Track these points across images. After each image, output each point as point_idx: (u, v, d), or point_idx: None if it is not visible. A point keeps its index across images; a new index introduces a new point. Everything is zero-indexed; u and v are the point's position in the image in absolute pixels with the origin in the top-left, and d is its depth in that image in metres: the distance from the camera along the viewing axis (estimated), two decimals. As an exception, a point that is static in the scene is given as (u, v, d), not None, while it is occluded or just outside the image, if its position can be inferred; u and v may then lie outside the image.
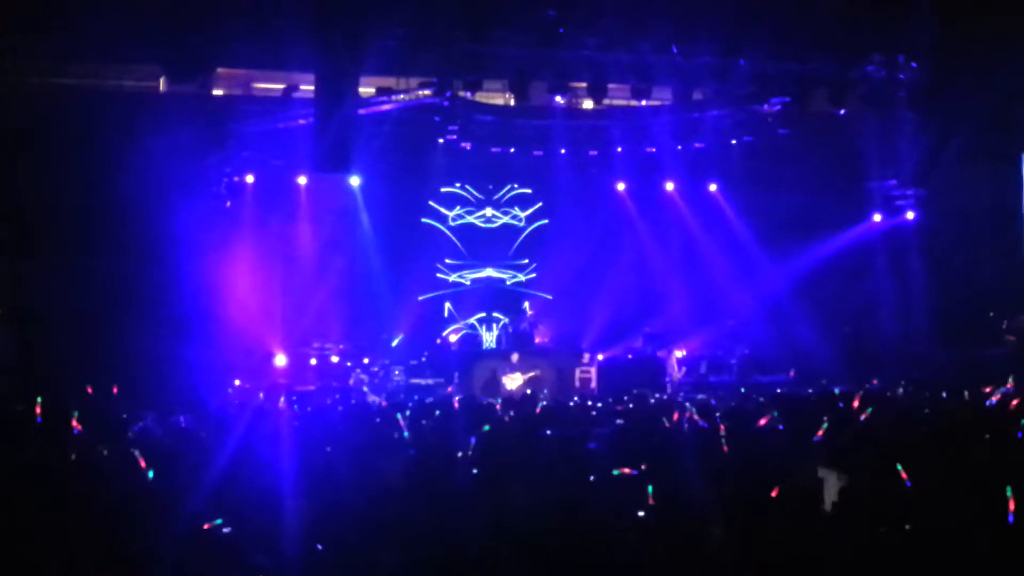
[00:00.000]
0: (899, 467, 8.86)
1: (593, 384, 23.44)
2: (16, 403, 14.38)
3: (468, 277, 26.93)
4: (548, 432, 11.72)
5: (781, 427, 11.96)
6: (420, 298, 26.17)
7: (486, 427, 12.53)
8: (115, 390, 15.57)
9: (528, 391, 21.57)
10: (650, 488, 8.39)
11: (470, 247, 27.01)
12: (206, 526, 7.17)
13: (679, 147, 25.39)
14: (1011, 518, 6.78)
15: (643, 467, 9.03)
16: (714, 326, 25.31)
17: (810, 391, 20.39)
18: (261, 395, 20.05)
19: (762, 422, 11.65)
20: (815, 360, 23.03)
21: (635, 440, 10.75)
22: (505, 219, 27.23)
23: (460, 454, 10.47)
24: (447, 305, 26.69)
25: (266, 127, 22.32)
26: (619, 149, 25.60)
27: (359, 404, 19.30)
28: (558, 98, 23.20)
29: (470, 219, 27.02)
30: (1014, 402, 13.17)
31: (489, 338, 26.63)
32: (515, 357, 23.34)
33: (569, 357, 24.20)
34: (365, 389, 22.21)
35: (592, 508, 8.38)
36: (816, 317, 24.07)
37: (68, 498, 8.26)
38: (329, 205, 24.45)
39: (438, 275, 26.63)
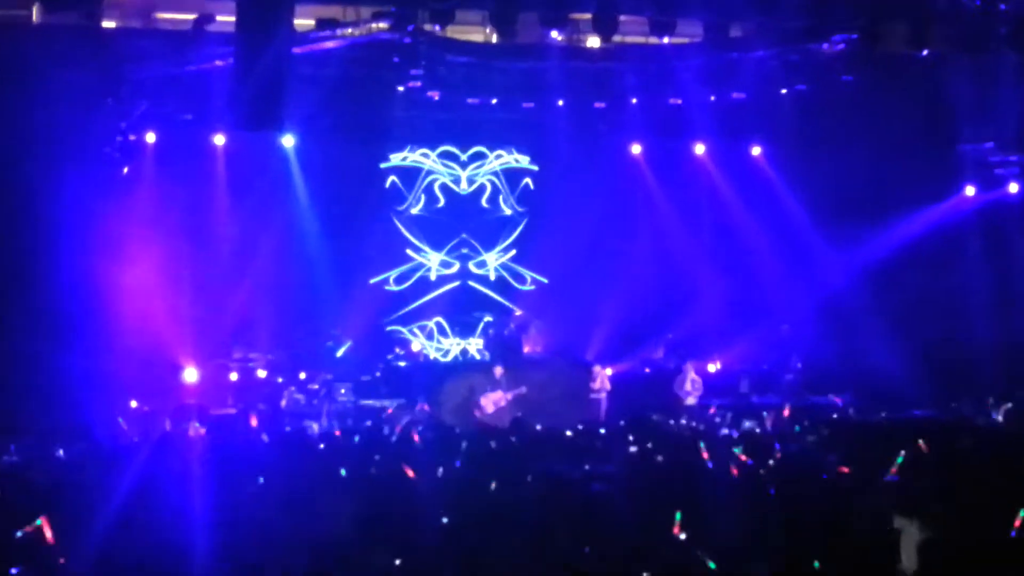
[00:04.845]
0: (999, 516, 8.87)
1: (603, 407, 23.46)
2: None
3: (436, 267, 26.89)
4: (540, 470, 11.72)
5: (843, 464, 11.99)
6: (372, 281, 26.27)
7: (457, 462, 12.54)
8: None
9: (514, 415, 21.56)
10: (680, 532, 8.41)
11: (439, 229, 26.96)
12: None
13: (712, 98, 25.30)
14: None
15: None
16: (758, 332, 25.28)
17: (883, 416, 20.47)
18: (166, 421, 20.01)
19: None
20: (888, 377, 23.05)
21: (658, 481, 10.75)
22: (485, 193, 27.19)
23: (424, 498, 10.46)
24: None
25: (171, 70, 22.17)
26: (634, 101, 25.49)
27: (294, 433, 19.29)
28: (554, 34, 23.10)
29: (439, 192, 26.97)
30: None
31: (461, 347, 26.66)
32: (497, 371, 23.30)
33: (569, 371, 24.18)
34: (317, 423, 22.17)
35: (598, 572, 8.38)
36: (890, 320, 24.08)
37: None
38: (255, 173, 24.32)
39: (389, 272, 26.68)
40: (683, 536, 9.01)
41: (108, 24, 22.31)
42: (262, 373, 23.66)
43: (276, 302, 24.36)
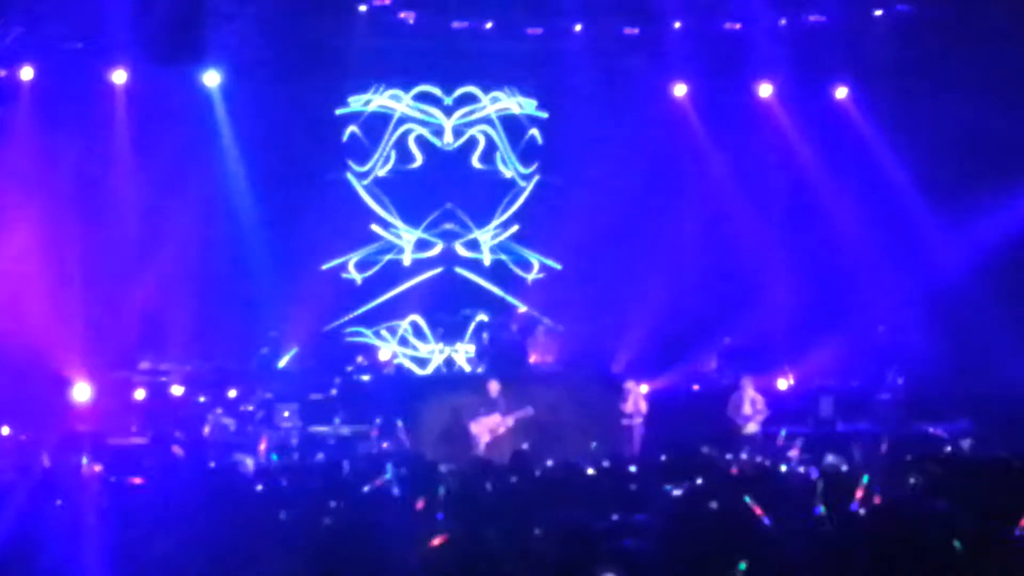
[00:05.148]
0: None
1: (637, 436, 23.44)
2: None
3: (411, 248, 26.88)
4: (551, 520, 11.73)
5: (960, 515, 11.98)
6: (325, 267, 26.27)
7: (440, 512, 12.54)
8: None
9: (516, 447, 21.57)
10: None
11: (415, 197, 26.97)
12: None
13: (782, 22, 25.35)
14: None
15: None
16: (844, 336, 25.29)
17: (1014, 451, 20.43)
18: (49, 454, 20.00)
19: None
20: (1020, 398, 23.04)
21: (710, 536, 10.75)
22: (477, 149, 27.17)
23: (397, 559, 10.46)
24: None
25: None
26: (677, 25, 25.56)
27: (221, 470, 19.30)
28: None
29: (415, 148, 26.95)
30: None
31: (445, 355, 26.65)
32: (494, 387, 23.26)
33: (590, 388, 24.17)
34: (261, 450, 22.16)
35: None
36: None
37: None
38: (168, 122, 24.28)
39: (349, 253, 26.69)
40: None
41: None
42: (178, 390, 23.60)
43: (196, 296, 24.36)
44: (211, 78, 24.68)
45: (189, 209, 24.14)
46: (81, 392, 22.84)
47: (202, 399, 23.50)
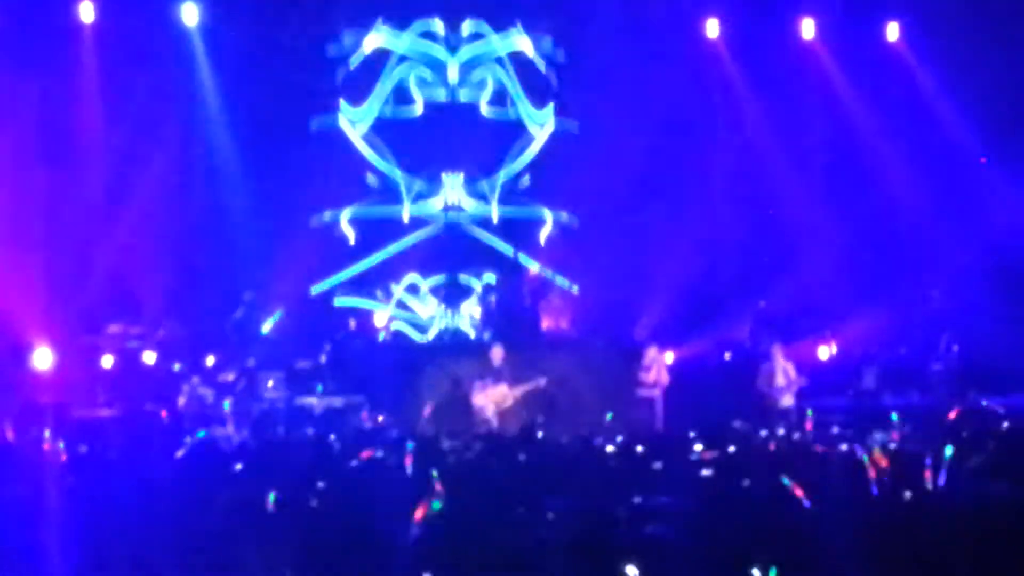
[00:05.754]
0: None
1: (658, 409, 23.40)
2: None
3: (410, 201, 26.82)
4: (564, 504, 11.70)
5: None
6: (314, 222, 26.18)
7: (436, 503, 12.50)
8: None
9: (525, 420, 21.52)
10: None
11: (415, 145, 26.90)
12: None
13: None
14: None
15: None
16: (892, 300, 25.26)
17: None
18: (7, 428, 20.00)
19: None
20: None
21: (742, 521, 10.72)
22: (485, 91, 27.11)
23: (393, 546, 10.43)
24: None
25: None
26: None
27: (201, 444, 19.28)
28: None
29: (416, 91, 26.88)
30: None
31: (447, 319, 26.61)
32: (497, 355, 23.18)
33: (608, 357, 24.18)
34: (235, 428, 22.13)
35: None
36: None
37: None
38: (140, 63, 24.23)
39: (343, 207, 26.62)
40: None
41: None
42: (150, 357, 23.55)
43: (172, 253, 24.34)
44: (189, 14, 24.60)
45: (164, 158, 24.14)
46: (42, 359, 22.78)
47: (177, 367, 23.45)
